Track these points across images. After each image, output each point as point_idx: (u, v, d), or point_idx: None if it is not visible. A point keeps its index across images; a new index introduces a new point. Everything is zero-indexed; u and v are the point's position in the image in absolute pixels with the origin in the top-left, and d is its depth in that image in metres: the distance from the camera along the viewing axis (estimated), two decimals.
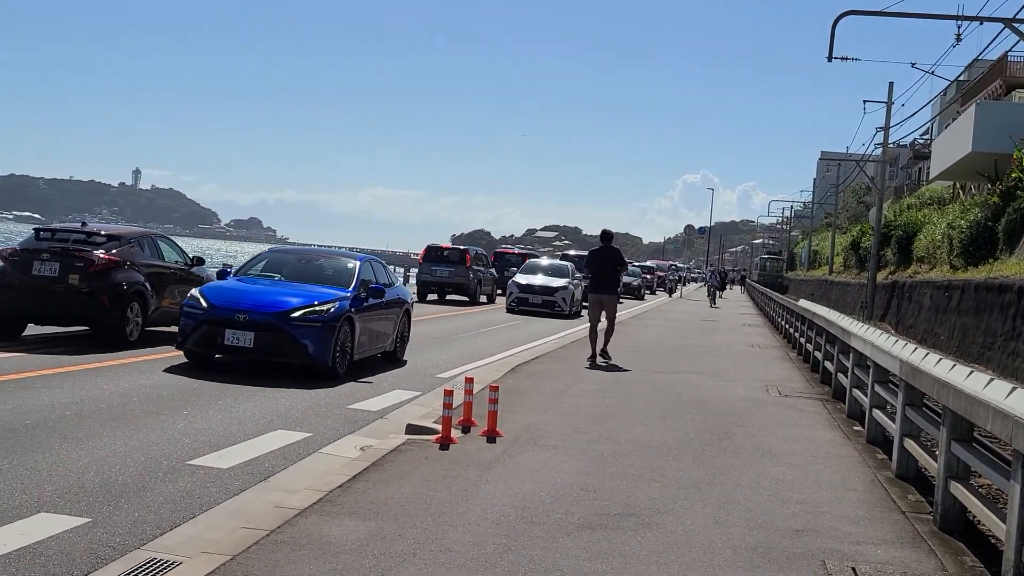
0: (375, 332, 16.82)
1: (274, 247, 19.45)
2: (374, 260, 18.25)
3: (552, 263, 40.87)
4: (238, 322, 14.67)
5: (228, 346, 14.69)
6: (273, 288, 15.75)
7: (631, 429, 12.08)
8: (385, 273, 18.33)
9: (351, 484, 8.47)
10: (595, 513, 8.04)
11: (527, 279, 37.21)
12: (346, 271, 16.88)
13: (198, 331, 14.84)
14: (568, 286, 36.88)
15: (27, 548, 6.56)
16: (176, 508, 7.83)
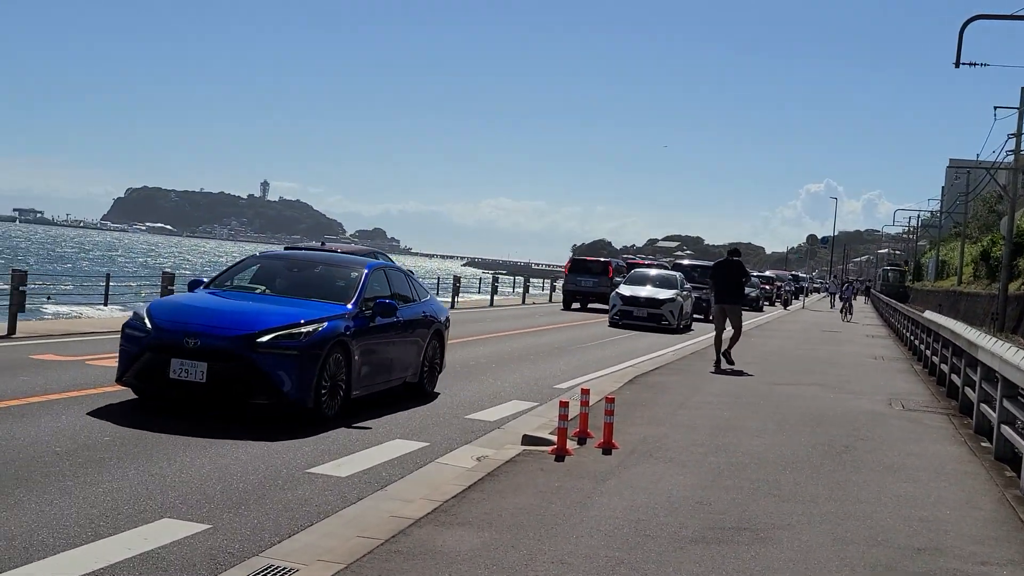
0: (386, 360, 13.33)
1: (265, 251, 15.68)
2: (392, 268, 14.93)
3: (660, 273, 37.67)
4: (187, 349, 11.18)
5: (174, 381, 11.19)
6: (243, 304, 12.31)
7: (748, 442, 11.95)
8: (408, 285, 14.74)
9: (466, 494, 8.54)
10: (709, 527, 7.98)
11: (631, 291, 34.51)
12: (345, 282, 13.32)
13: (139, 361, 11.40)
14: (676, 298, 34.22)
15: (150, 553, 6.74)
16: (294, 516, 7.97)
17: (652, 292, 34.29)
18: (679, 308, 33.93)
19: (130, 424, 10.75)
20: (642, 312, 33.40)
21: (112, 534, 7.07)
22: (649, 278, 36.19)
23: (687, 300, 35.18)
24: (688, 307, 35.28)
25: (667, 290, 34.71)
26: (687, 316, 35.11)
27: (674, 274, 37.70)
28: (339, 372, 11.94)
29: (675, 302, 33.91)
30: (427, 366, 14.50)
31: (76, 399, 11.98)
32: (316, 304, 12.46)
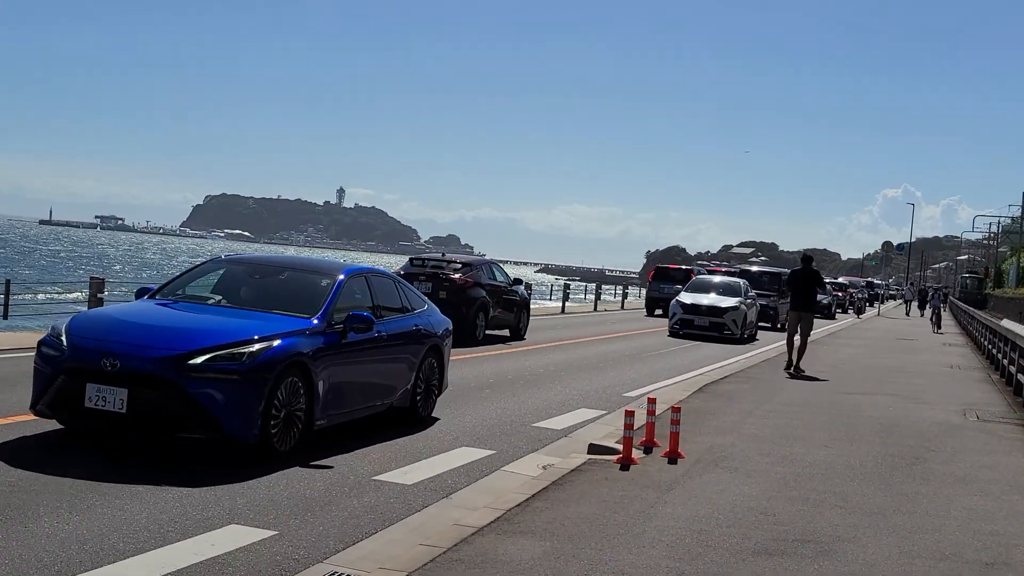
0: (363, 383, 11.38)
1: (230, 254, 13.18)
2: (378, 275, 12.70)
3: (724, 280, 36.04)
4: (105, 372, 9.31)
5: (90, 410, 9.33)
6: (183, 318, 10.43)
7: (816, 452, 11.86)
8: (399, 294, 12.71)
9: (529, 503, 8.57)
10: (772, 538, 7.94)
11: (693, 298, 32.72)
12: (313, 292, 11.26)
13: (53, 386, 9.54)
14: (740, 306, 32.31)
15: (216, 559, 6.86)
16: (359, 523, 8.06)
17: (714, 300, 32.56)
18: (742, 317, 32.11)
19: None
20: (704, 321, 31.69)
21: (180, 539, 7.21)
22: (712, 285, 34.66)
23: (751, 308, 33.63)
24: (752, 316, 33.69)
25: (730, 298, 32.91)
26: (751, 325, 33.66)
27: (738, 281, 35.94)
28: (296, 399, 9.94)
29: (738, 310, 32.09)
30: (421, 388, 12.60)
31: None
32: (274, 318, 10.50)
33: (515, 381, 17.52)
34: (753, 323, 33.78)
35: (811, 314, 22.61)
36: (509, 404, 14.70)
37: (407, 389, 12.30)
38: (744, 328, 32.11)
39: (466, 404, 14.31)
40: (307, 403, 10.14)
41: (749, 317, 32.83)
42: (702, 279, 36.42)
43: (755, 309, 34.19)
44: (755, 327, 34.23)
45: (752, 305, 33.72)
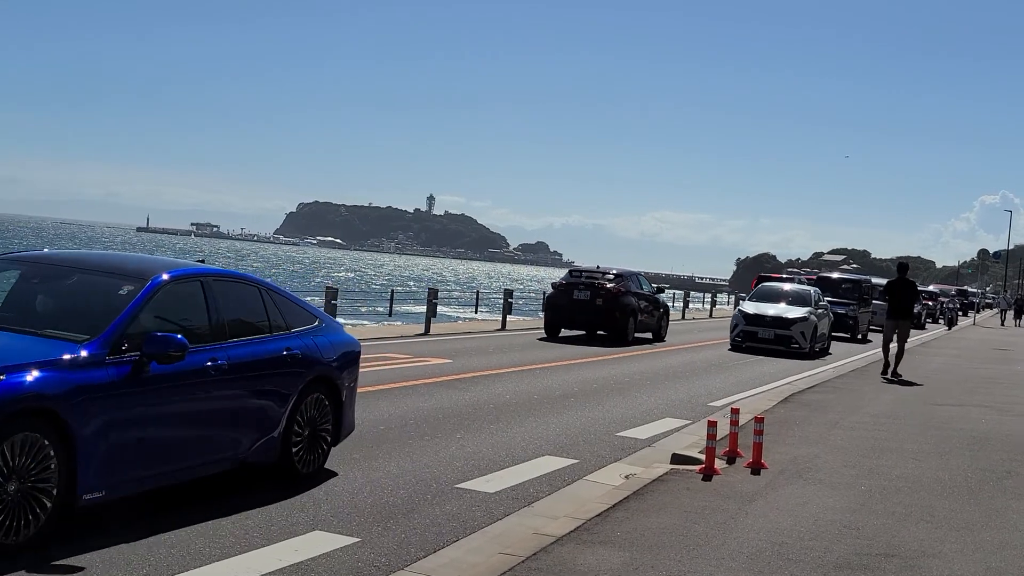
0: (177, 433, 8.06)
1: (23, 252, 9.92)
2: (220, 279, 9.06)
3: (793, 288, 32.77)
4: None
5: None
6: None
7: (903, 464, 11.70)
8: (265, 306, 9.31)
9: (610, 513, 8.59)
10: (855, 552, 7.86)
11: (756, 308, 29.83)
12: (105, 304, 8.10)
13: None
14: (809, 317, 29.21)
15: (299, 564, 6.98)
16: (441, 531, 8.13)
17: (781, 310, 29.52)
18: (812, 328, 29.02)
19: None
20: (768, 333, 28.78)
21: (265, 545, 7.35)
22: (778, 293, 31.55)
23: (823, 319, 30.44)
24: (825, 327, 30.62)
25: (799, 307, 29.75)
26: (823, 337, 30.44)
27: (808, 289, 32.49)
28: (36, 464, 6.76)
29: (807, 321, 29.00)
30: (301, 434, 9.34)
31: None
32: (30, 343, 7.41)
33: (599, 390, 17.53)
34: (825, 335, 30.83)
35: (908, 321, 23.39)
36: (593, 413, 14.71)
37: (272, 437, 8.97)
38: (814, 340, 29.22)
39: (550, 413, 14.35)
40: (60, 469, 6.90)
41: (820, 328, 29.92)
42: (769, 287, 33.23)
43: (828, 319, 31.21)
44: (828, 339, 31.29)
45: (824, 315, 30.71)
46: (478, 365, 19.70)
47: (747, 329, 29.23)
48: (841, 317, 36.15)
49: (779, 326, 28.85)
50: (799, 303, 30.19)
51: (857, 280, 41.66)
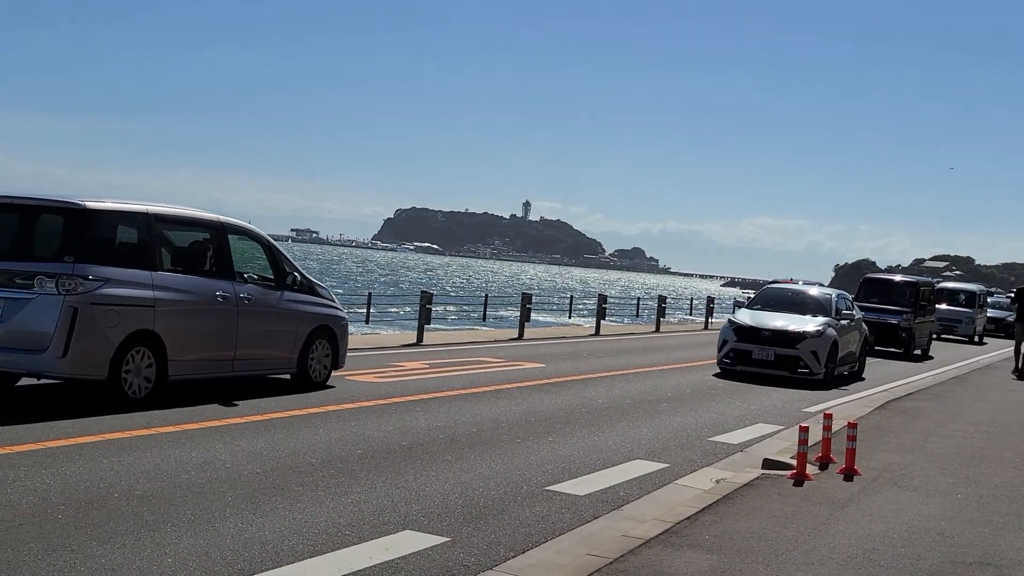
0: None
1: None
2: None
3: (809, 292, 24.49)
4: None
5: None
6: None
7: (1003, 473, 11.50)
8: None
9: (699, 516, 8.58)
10: (948, 560, 7.76)
11: (755, 318, 22.15)
12: None
13: None
14: (825, 331, 21.42)
15: (389, 563, 7.09)
16: (530, 532, 8.19)
17: (786, 321, 21.83)
18: (828, 346, 21.24)
19: (382, 438, 11.26)
20: (766, 353, 21.11)
21: (356, 543, 7.47)
22: (788, 300, 23.66)
23: (849, 333, 22.88)
24: (853, 343, 23.11)
25: (812, 318, 22.11)
26: (849, 358, 22.86)
27: (828, 293, 24.59)
28: None
29: (822, 337, 21.24)
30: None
31: (327, 414, 12.62)
32: None
33: (692, 395, 17.48)
34: (853, 354, 23.15)
35: None
36: (685, 418, 14.67)
37: None
38: (833, 362, 21.43)
39: (642, 417, 14.35)
40: None
41: (844, 346, 22.28)
42: (775, 290, 25.38)
43: (859, 334, 23.74)
44: (858, 359, 23.58)
45: (852, 328, 23.15)
46: (571, 369, 19.74)
47: (739, 347, 21.38)
48: (890, 328, 30.47)
49: (782, 343, 21.14)
50: (814, 312, 22.62)
51: (912, 282, 34.37)
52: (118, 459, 9.28)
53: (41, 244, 12.09)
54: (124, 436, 10.30)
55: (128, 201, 12.61)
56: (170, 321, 12.38)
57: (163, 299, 12.31)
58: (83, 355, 11.45)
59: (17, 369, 11.74)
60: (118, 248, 12.30)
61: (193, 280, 12.97)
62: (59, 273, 11.45)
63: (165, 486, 8.50)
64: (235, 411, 12.18)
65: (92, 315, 11.52)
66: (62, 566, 6.42)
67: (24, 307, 11.42)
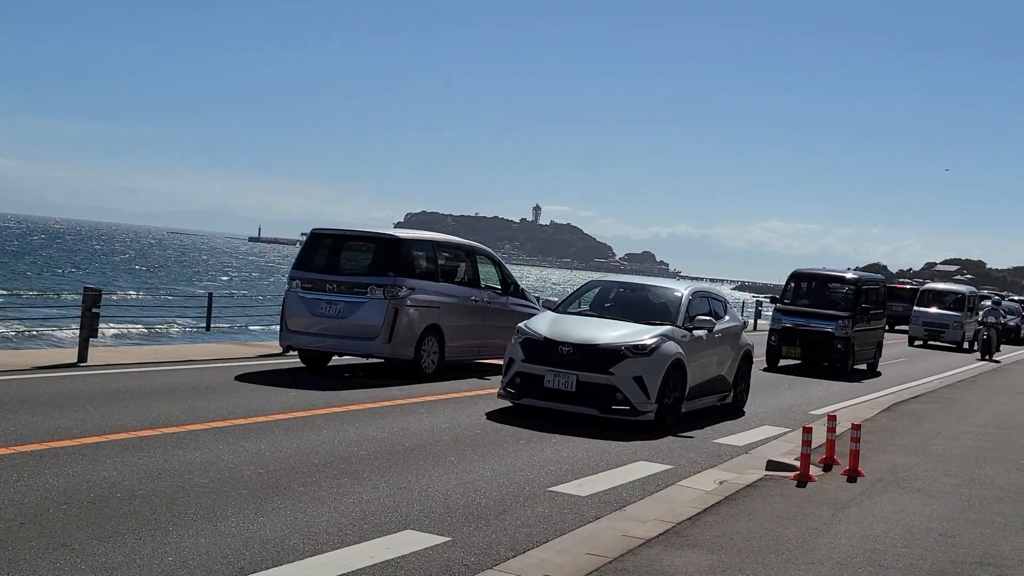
0: None
1: None
2: None
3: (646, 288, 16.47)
4: None
5: None
6: None
7: (1007, 475, 11.49)
8: None
9: (700, 517, 8.58)
10: (949, 560, 7.76)
11: (556, 326, 14.50)
12: None
13: None
14: (660, 347, 13.90)
15: (389, 562, 7.11)
16: (531, 532, 8.20)
17: (600, 331, 14.25)
18: (663, 369, 13.78)
19: (385, 439, 11.29)
20: (564, 380, 13.71)
21: (356, 542, 7.48)
22: (623, 299, 16.03)
23: (710, 349, 15.33)
24: (721, 364, 15.75)
25: (645, 326, 14.45)
26: (717, 387, 15.74)
27: (675, 289, 15.93)
28: None
29: (653, 356, 13.76)
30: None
31: (339, 415, 12.65)
32: None
33: None
34: (723, 379, 15.87)
35: None
36: (691, 420, 14.64)
37: None
38: (674, 393, 14.05)
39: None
40: None
41: (704, 369, 15.08)
42: (608, 283, 17.22)
43: (731, 349, 16.09)
44: (732, 385, 16.16)
45: (718, 341, 15.59)
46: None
47: (527, 370, 13.96)
48: (823, 338, 24.44)
49: (588, 364, 13.66)
50: (649, 318, 14.79)
51: (853, 279, 26.77)
52: (121, 459, 9.31)
53: (369, 264, 16.79)
54: (129, 436, 10.33)
55: (421, 232, 18.14)
56: (447, 318, 17.20)
57: (444, 302, 17.17)
58: (400, 342, 16.14)
59: (354, 352, 16.57)
60: (417, 266, 16.91)
61: (458, 288, 17.82)
62: (385, 284, 16.15)
63: (168, 486, 8.53)
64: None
65: (406, 313, 16.21)
66: (63, 564, 6.46)
67: (359, 308, 16.15)
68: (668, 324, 14.51)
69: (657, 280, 18.25)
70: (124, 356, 17.23)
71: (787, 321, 24.72)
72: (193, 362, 16.80)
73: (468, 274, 18.38)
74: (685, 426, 13.85)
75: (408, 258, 16.67)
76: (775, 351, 24.89)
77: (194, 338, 27.03)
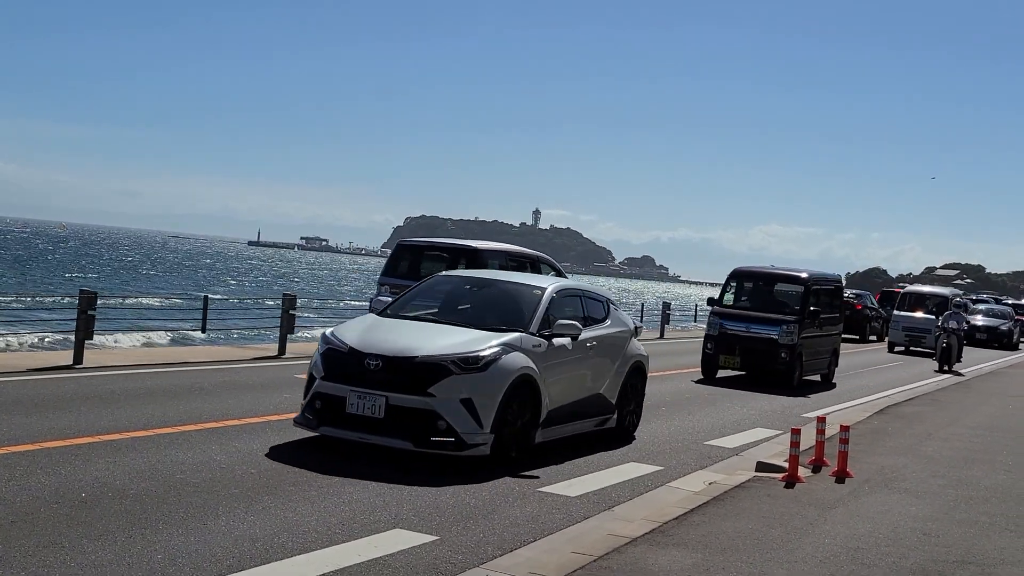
0: None
1: None
2: None
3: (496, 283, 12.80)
4: None
5: None
6: None
7: (994, 476, 11.58)
8: None
9: (687, 516, 8.67)
10: (931, 559, 7.84)
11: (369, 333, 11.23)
12: None
13: None
14: (500, 358, 10.72)
15: (376, 560, 7.19)
16: (520, 531, 8.28)
17: (419, 339, 10.97)
18: (503, 389, 10.64)
19: None
20: (369, 403, 10.47)
21: (346, 541, 7.56)
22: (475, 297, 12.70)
23: (580, 363, 12.19)
24: (597, 380, 12.60)
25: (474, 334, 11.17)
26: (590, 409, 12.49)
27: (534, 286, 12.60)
28: None
29: (488, 371, 10.61)
30: None
31: None
32: None
33: (692, 400, 17.56)
34: (601, 397, 12.70)
35: None
36: (683, 422, 14.74)
37: None
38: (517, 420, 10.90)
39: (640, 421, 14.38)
40: None
41: (573, 386, 12.06)
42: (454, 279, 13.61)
43: (610, 361, 12.91)
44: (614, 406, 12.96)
45: (591, 354, 12.43)
46: None
47: (327, 391, 10.84)
48: (766, 345, 21.41)
49: (401, 383, 10.56)
50: (497, 322, 11.65)
51: (802, 278, 22.96)
52: (114, 460, 9.38)
53: None
54: (121, 437, 10.41)
55: (495, 244, 20.50)
56: None
57: None
58: None
59: None
60: None
61: None
62: None
63: (159, 485, 8.61)
64: None
65: None
66: (52, 562, 6.53)
67: None
68: (518, 331, 11.34)
69: (514, 275, 14.04)
70: (120, 358, 17.30)
71: (725, 326, 21.73)
72: (189, 364, 16.87)
73: None
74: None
75: (484, 266, 18.39)
76: (711, 360, 21.69)
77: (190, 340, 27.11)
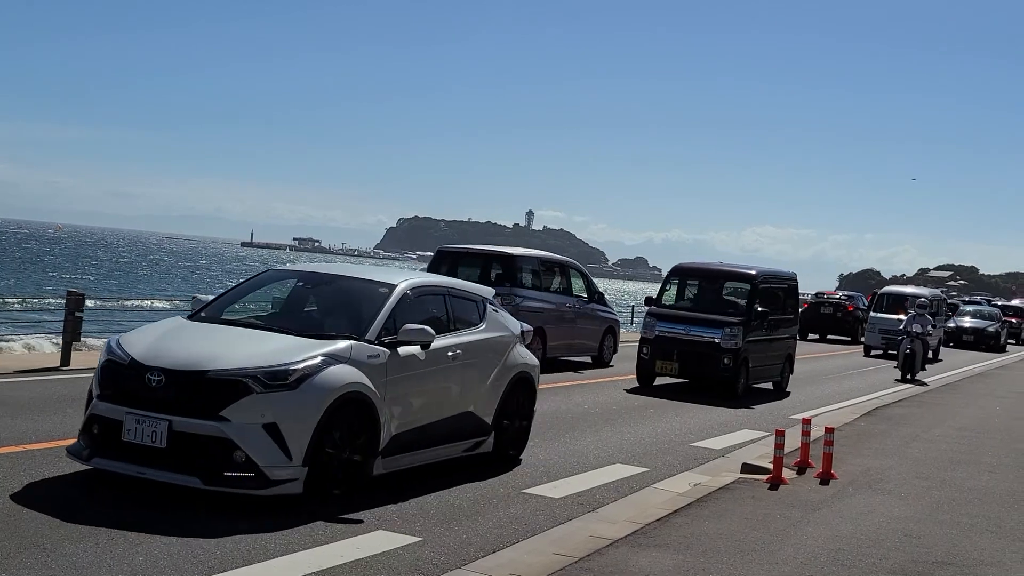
0: None
1: None
2: None
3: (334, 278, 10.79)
4: None
5: None
6: None
7: (978, 477, 11.61)
8: None
9: (670, 518, 8.69)
10: (912, 560, 7.87)
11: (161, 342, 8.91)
12: None
13: None
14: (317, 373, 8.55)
15: (358, 561, 7.21)
16: (503, 533, 8.29)
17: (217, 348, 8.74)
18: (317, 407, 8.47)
19: None
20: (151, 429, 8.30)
21: (329, 542, 7.57)
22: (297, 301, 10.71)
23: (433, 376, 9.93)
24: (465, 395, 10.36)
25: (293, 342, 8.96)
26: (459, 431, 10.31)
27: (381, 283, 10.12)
28: None
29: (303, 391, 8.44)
30: None
31: None
32: None
33: (680, 401, 17.56)
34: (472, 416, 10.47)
35: None
36: (670, 424, 14.77)
37: None
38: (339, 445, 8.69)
39: (626, 423, 14.45)
40: None
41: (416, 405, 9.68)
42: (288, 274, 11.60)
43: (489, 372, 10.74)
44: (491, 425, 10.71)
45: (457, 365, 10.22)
46: (557, 376, 19.81)
47: (104, 412, 8.61)
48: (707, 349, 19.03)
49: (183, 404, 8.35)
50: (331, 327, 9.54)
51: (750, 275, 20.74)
52: None
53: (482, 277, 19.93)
54: None
55: (529, 250, 22.54)
56: (549, 321, 20.61)
57: (546, 308, 20.96)
58: None
59: None
60: (526, 278, 21.12)
61: (556, 296, 21.83)
62: (502, 293, 16.46)
63: (143, 488, 8.60)
64: None
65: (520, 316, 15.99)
66: (33, 563, 6.54)
67: None
68: (352, 338, 9.22)
69: (365, 270, 11.06)
70: None
71: (662, 328, 19.48)
72: None
73: (563, 284, 22.36)
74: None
75: (519, 272, 20.69)
76: (647, 366, 19.47)
77: None
